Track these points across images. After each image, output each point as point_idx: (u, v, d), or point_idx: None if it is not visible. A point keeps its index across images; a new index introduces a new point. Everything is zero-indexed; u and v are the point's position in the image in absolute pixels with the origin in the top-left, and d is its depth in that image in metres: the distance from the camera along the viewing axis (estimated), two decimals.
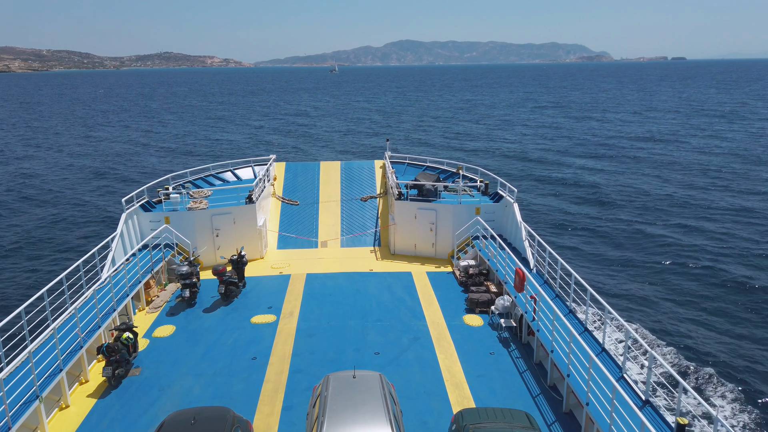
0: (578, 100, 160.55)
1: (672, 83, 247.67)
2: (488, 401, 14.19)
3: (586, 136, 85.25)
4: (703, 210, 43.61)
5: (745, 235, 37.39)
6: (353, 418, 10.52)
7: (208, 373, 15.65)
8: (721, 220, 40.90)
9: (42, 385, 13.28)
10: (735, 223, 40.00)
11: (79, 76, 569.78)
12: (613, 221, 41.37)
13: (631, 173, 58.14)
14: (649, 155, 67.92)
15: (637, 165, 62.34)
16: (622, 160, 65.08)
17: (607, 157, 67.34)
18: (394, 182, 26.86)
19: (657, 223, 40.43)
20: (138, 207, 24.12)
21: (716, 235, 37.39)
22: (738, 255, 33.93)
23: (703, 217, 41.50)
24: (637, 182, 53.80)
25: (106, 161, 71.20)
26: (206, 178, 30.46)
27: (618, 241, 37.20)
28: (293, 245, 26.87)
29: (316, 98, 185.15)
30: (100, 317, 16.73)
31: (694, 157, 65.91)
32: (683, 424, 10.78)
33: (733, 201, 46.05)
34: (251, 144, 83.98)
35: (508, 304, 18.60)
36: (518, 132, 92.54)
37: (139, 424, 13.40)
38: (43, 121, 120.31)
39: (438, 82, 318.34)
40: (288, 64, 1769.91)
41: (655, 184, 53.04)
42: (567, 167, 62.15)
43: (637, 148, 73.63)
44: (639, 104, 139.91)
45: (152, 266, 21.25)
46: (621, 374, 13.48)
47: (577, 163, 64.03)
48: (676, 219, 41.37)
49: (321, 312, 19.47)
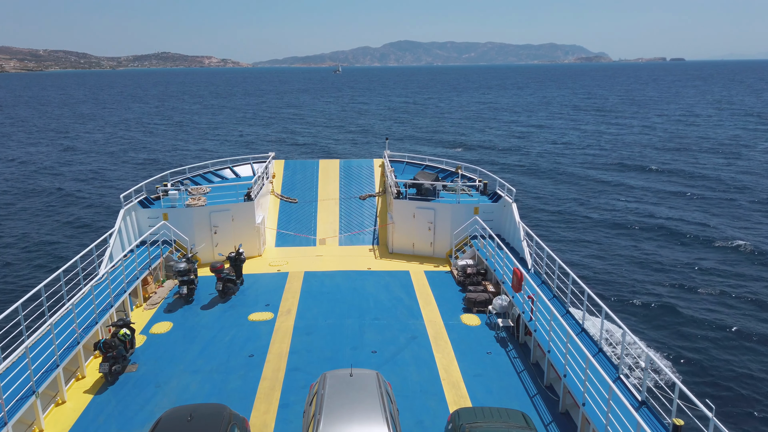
0: (579, 100, 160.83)
1: (660, 83, 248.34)
2: (485, 401, 14.20)
3: (586, 136, 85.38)
4: (703, 211, 43.69)
5: (745, 234, 37.50)
6: (350, 417, 10.52)
7: (205, 370, 15.63)
8: (721, 219, 41.00)
9: (38, 380, 13.26)
10: (735, 222, 40.11)
11: (74, 76, 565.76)
12: (612, 222, 41.44)
13: (630, 173, 58.24)
14: (649, 155, 68.04)
15: (636, 165, 62.44)
16: (622, 161, 65.15)
17: (606, 158, 67.41)
18: (393, 181, 26.86)
19: (656, 224, 40.50)
20: (136, 203, 24.09)
21: (716, 236, 37.47)
22: (739, 256, 34.03)
23: (704, 218, 41.58)
24: (636, 182, 53.91)
25: (104, 157, 71.09)
26: (205, 175, 30.42)
27: (617, 241, 37.28)
28: (291, 243, 26.86)
29: (335, 98, 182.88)
30: (97, 313, 16.71)
31: (692, 156, 66.06)
32: (679, 425, 10.81)
33: (731, 203, 46.20)
34: (250, 141, 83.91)
35: (505, 303, 18.62)
36: (518, 132, 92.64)
37: (136, 421, 13.38)
38: (36, 120, 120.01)
39: (446, 83, 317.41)
40: (286, 65, 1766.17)
41: (655, 184, 53.14)
42: (566, 167, 62.22)
43: (636, 148, 73.75)
44: (640, 104, 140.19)
45: (150, 263, 21.23)
46: (617, 375, 13.51)
47: (576, 164, 64.10)
48: (676, 220, 41.46)
49: (318, 310, 19.47)
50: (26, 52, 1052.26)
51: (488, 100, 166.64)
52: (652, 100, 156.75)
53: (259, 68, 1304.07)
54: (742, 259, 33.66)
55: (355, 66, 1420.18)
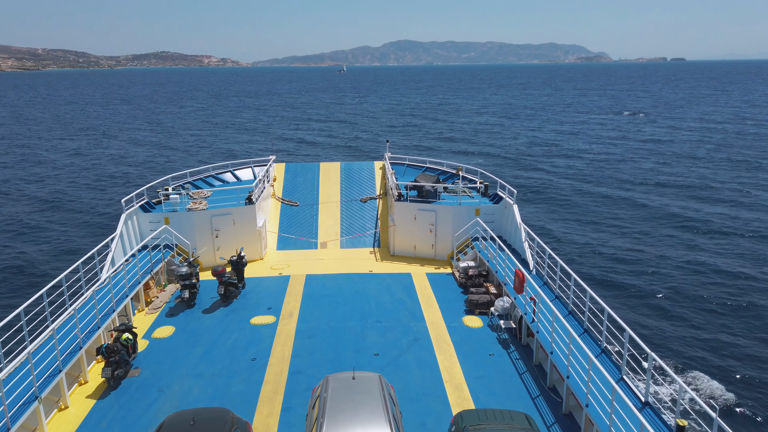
0: (581, 101, 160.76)
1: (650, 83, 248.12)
2: (487, 402, 14.19)
3: (588, 137, 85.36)
4: (702, 211, 43.62)
5: (745, 234, 37.44)
6: (353, 420, 10.52)
7: (207, 374, 15.64)
8: (720, 219, 40.94)
9: (41, 385, 13.26)
10: (733, 222, 40.06)
11: (72, 75, 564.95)
12: (613, 222, 41.39)
13: (630, 173, 58.18)
14: (648, 156, 67.99)
15: (636, 165, 62.39)
16: (622, 161, 65.14)
17: (606, 158, 67.37)
18: (394, 183, 26.88)
19: (657, 224, 40.46)
20: (138, 207, 24.11)
21: (716, 236, 37.42)
22: (740, 256, 33.97)
23: (703, 218, 41.52)
24: (636, 183, 53.86)
25: (105, 162, 71.17)
26: (206, 178, 30.45)
27: (618, 242, 37.23)
28: (293, 246, 26.87)
29: (354, 99, 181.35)
30: (99, 318, 16.72)
31: (693, 157, 66.01)
32: (682, 425, 10.79)
33: (729, 203, 46.13)
34: (251, 145, 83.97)
35: (507, 305, 18.60)
36: (518, 132, 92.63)
37: (138, 425, 13.38)
38: (33, 123, 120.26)
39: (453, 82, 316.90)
40: (286, 64, 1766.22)
41: (654, 184, 53.10)
42: (566, 168, 62.20)
43: (637, 149, 73.71)
44: (638, 105, 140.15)
45: (152, 267, 21.24)
46: (620, 376, 13.49)
47: (576, 164, 64.06)
48: (675, 220, 41.42)
49: (320, 313, 19.47)
50: (25, 51, 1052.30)
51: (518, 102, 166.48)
52: (657, 102, 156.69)
53: (259, 68, 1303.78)
54: (748, 261, 33.58)
55: (355, 65, 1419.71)
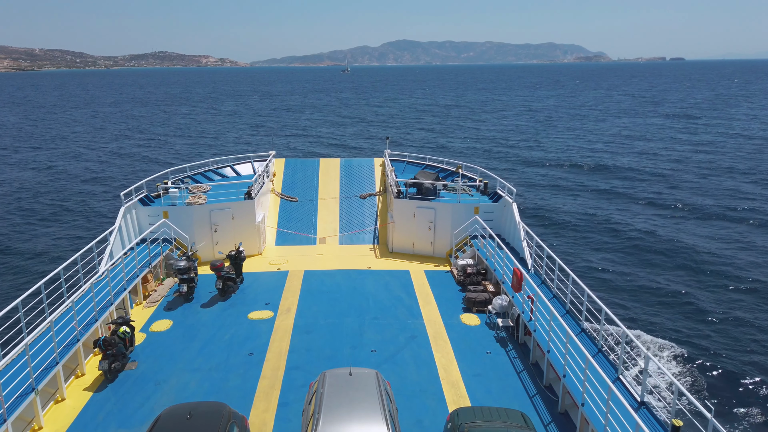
0: (582, 101, 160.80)
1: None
2: (484, 400, 14.22)
3: (588, 137, 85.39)
4: (702, 211, 43.70)
5: (743, 232, 37.52)
6: (349, 415, 10.54)
7: (204, 369, 15.65)
8: (720, 219, 41.02)
9: (38, 377, 13.26)
10: (733, 222, 40.14)
11: (67, 76, 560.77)
12: (611, 222, 41.43)
13: (630, 173, 58.24)
14: (648, 156, 68.05)
15: (636, 165, 62.44)
16: (622, 161, 65.18)
17: (606, 158, 67.40)
18: (394, 180, 26.86)
19: (655, 224, 40.52)
20: (137, 201, 24.09)
21: (715, 236, 37.50)
22: (740, 258, 34.03)
23: (704, 218, 41.60)
24: (635, 182, 53.92)
25: (105, 155, 71.04)
26: (205, 173, 30.42)
27: (616, 242, 37.29)
28: (291, 242, 26.86)
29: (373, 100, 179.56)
30: (97, 311, 16.71)
31: (692, 157, 66.05)
32: (678, 425, 10.83)
33: (732, 194, 46.21)
34: (251, 140, 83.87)
35: (505, 303, 18.64)
36: (518, 133, 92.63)
37: (135, 419, 13.39)
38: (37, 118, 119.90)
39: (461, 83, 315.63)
40: (285, 64, 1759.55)
41: (654, 184, 53.16)
42: (566, 167, 62.24)
43: (636, 149, 73.76)
44: (638, 105, 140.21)
45: (150, 261, 21.24)
46: (617, 375, 13.53)
47: (576, 164, 64.09)
48: (675, 219, 41.48)
49: (318, 309, 19.48)
50: (22, 51, 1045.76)
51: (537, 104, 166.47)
52: (656, 101, 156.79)
53: (258, 68, 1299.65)
54: (744, 261, 33.65)
55: (353, 65, 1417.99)
